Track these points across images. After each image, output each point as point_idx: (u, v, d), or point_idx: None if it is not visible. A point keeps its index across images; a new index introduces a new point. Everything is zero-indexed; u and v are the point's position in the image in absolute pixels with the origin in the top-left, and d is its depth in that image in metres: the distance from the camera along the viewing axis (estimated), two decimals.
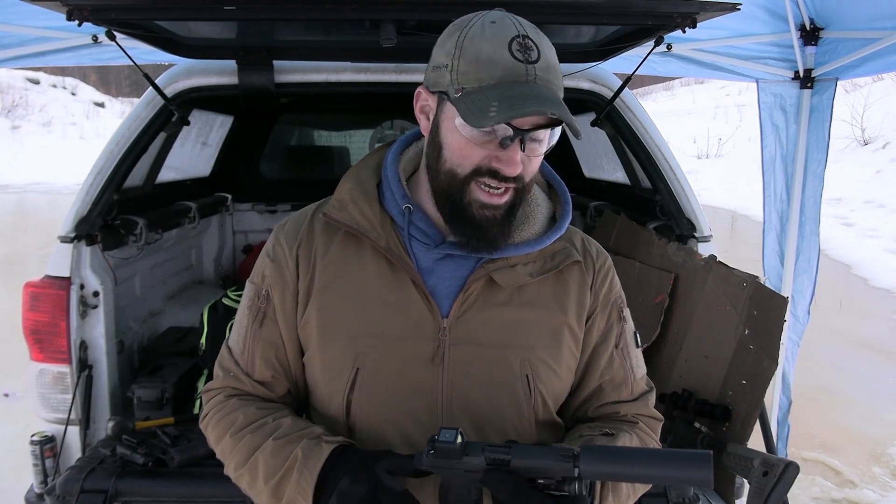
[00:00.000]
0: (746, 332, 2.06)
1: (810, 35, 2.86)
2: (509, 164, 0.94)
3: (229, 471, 1.06)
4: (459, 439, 0.83)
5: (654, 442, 1.10)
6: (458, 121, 0.94)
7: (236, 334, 1.13)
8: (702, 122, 23.37)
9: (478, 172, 0.96)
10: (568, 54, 2.32)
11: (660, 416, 1.14)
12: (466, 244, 1.01)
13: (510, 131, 0.92)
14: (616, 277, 1.16)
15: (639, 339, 1.16)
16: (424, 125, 1.04)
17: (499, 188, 0.96)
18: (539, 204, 1.11)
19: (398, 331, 1.02)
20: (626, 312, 1.15)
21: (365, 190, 1.08)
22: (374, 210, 1.06)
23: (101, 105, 31.53)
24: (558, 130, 0.97)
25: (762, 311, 2.02)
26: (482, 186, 0.96)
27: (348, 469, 0.90)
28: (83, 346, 2.22)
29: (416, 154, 1.12)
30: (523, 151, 0.95)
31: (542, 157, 1.01)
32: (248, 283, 1.14)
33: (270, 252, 1.11)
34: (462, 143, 0.95)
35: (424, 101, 1.02)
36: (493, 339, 1.03)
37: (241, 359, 1.10)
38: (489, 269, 1.03)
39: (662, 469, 0.78)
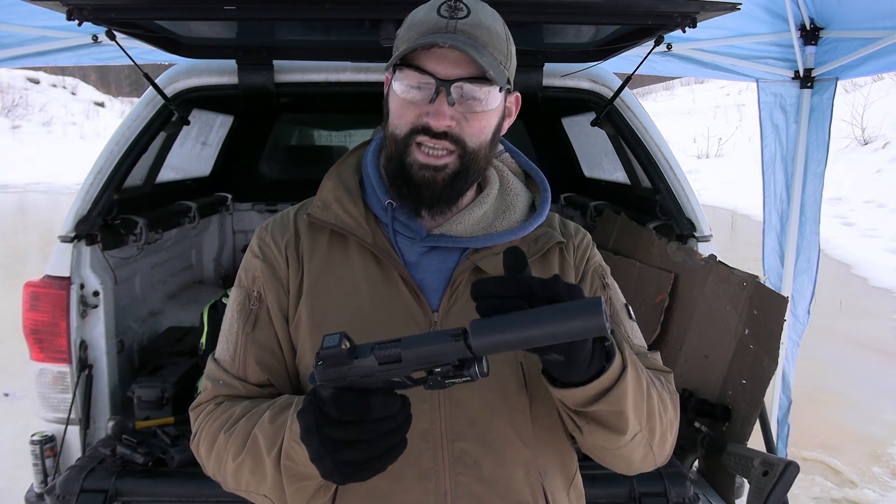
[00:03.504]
0: (746, 331, 2.06)
1: (810, 35, 2.87)
2: (435, 115, 0.96)
3: (228, 470, 0.98)
4: (346, 344, 0.77)
5: (673, 390, 1.06)
6: (395, 84, 0.99)
7: (224, 343, 1.07)
8: (702, 122, 23.38)
9: (414, 131, 0.98)
10: (568, 54, 2.32)
11: (668, 369, 1.10)
12: (409, 205, 1.03)
13: (433, 83, 0.95)
14: (595, 250, 1.17)
15: (632, 312, 1.14)
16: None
17: (435, 148, 0.97)
18: (518, 193, 1.12)
19: (391, 327, 1.00)
20: (611, 281, 1.14)
21: (348, 188, 1.08)
22: (358, 208, 1.06)
23: (101, 105, 31.56)
24: (495, 91, 0.98)
25: (762, 310, 2.02)
26: (421, 147, 0.98)
27: (301, 406, 0.84)
28: (83, 345, 2.22)
29: None
30: (451, 105, 0.96)
31: (487, 122, 1.01)
32: (234, 289, 1.10)
33: (258, 253, 1.08)
34: (399, 105, 0.99)
35: (387, 87, 1.07)
36: None
37: (233, 366, 1.05)
38: (474, 259, 1.04)
39: (555, 325, 0.73)
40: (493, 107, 1.00)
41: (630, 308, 1.14)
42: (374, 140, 1.15)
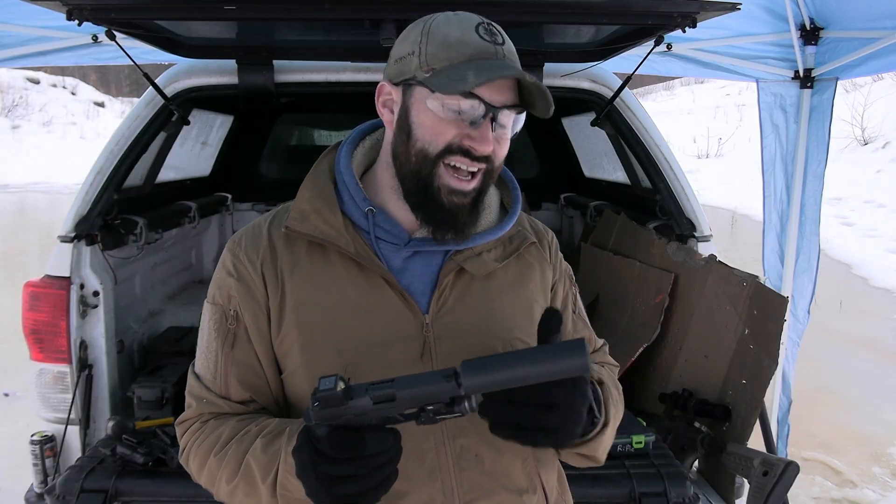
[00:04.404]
0: (746, 331, 2.06)
1: (810, 35, 2.86)
2: (482, 141, 0.95)
3: (221, 490, 1.01)
4: (340, 385, 0.79)
5: (616, 382, 1.16)
6: (430, 101, 0.95)
7: (204, 360, 1.07)
8: (702, 122, 23.39)
9: (449, 150, 0.96)
10: (568, 54, 2.32)
11: (616, 363, 1.24)
12: (436, 231, 1.01)
13: (482, 109, 0.94)
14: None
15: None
16: (388, 119, 1.04)
17: (469, 171, 0.97)
18: (491, 193, 1.12)
19: (383, 335, 1.01)
20: (573, 278, 1.22)
21: (325, 198, 1.05)
22: (337, 218, 1.04)
23: (101, 105, 31.59)
24: (522, 118, 1.00)
25: (762, 310, 2.02)
26: (451, 170, 0.97)
27: (295, 442, 0.86)
28: (83, 345, 2.22)
29: (367, 152, 1.12)
30: (493, 131, 0.96)
31: (508, 144, 1.02)
32: (208, 305, 1.08)
33: (233, 271, 1.05)
34: (434, 121, 0.96)
35: (387, 95, 1.03)
36: (475, 328, 1.03)
37: (214, 384, 1.05)
38: (458, 260, 1.04)
39: (542, 365, 0.78)
40: (518, 129, 1.01)
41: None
42: (345, 143, 1.12)
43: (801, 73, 2.96)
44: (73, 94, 31.05)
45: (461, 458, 1.01)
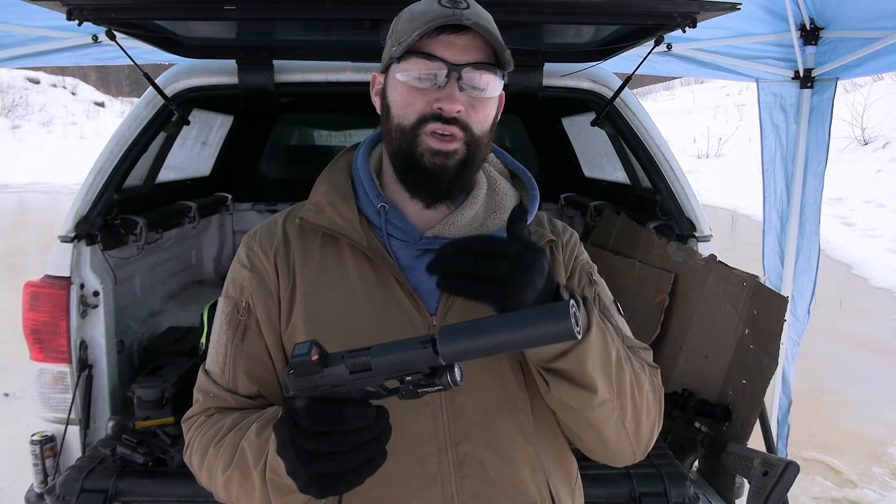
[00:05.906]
0: (746, 331, 2.06)
1: (810, 35, 2.87)
2: (448, 100, 0.95)
3: (218, 483, 0.98)
4: (316, 353, 0.75)
5: (658, 384, 1.07)
6: (398, 74, 0.98)
7: (214, 354, 1.07)
8: (702, 122, 23.40)
9: (423, 120, 0.97)
10: (568, 54, 2.32)
11: (656, 365, 1.12)
12: (425, 198, 1.02)
13: (444, 69, 0.95)
14: (582, 248, 1.18)
15: (620, 307, 1.14)
16: (379, 105, 1.07)
17: (446, 133, 0.97)
18: (506, 193, 1.12)
19: (389, 333, 0.98)
20: (598, 278, 1.15)
21: (341, 192, 1.07)
22: (352, 212, 1.05)
23: (101, 105, 31.59)
24: (497, 79, 0.99)
25: (762, 310, 2.02)
26: (431, 134, 0.97)
27: (278, 418, 0.84)
28: (83, 345, 2.22)
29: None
30: (462, 91, 0.96)
31: (490, 111, 1.01)
32: (221, 300, 1.09)
33: (246, 262, 1.07)
34: (404, 94, 0.98)
35: (378, 84, 1.07)
36: None
37: (223, 378, 1.04)
38: None
39: (524, 330, 0.71)
40: (496, 94, 1.01)
41: (618, 304, 1.15)
42: (364, 142, 1.14)
43: (801, 73, 2.96)
44: (73, 94, 31.07)
45: (463, 465, 0.98)
